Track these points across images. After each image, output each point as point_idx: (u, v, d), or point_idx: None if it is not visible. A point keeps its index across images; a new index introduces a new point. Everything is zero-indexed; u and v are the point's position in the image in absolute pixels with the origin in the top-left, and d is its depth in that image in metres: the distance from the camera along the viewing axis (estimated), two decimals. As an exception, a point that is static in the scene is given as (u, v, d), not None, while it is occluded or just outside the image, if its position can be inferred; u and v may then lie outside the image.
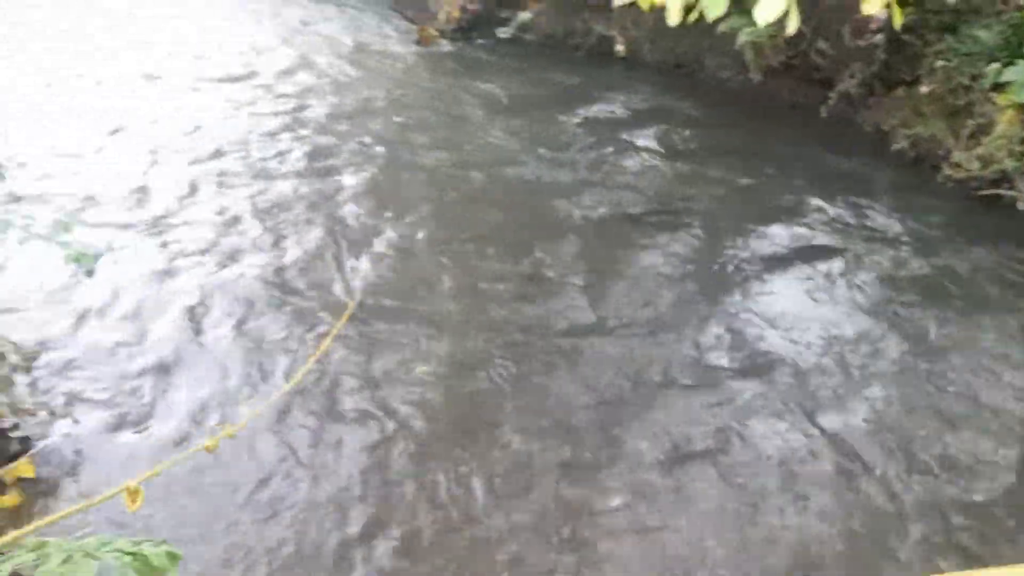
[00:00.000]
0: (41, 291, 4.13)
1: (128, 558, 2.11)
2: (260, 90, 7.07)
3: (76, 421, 3.40)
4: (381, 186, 5.64)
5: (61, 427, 3.40)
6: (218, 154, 5.83)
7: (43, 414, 3.31)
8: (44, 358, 3.63)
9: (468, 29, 8.94)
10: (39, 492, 3.18)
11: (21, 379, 3.30)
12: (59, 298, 4.12)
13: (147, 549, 2.15)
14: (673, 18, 1.73)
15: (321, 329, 4.12)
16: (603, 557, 3.11)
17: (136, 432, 3.46)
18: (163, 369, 3.80)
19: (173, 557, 2.21)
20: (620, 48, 8.34)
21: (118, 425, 3.47)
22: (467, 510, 3.25)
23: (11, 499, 3.05)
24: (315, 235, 4.93)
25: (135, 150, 5.80)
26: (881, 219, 5.66)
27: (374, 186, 5.63)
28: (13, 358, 3.24)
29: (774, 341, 4.34)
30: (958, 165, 6.03)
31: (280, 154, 5.92)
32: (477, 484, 3.35)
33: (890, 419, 3.83)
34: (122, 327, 4.02)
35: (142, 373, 3.76)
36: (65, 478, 3.25)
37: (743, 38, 7.05)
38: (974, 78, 6.13)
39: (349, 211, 5.26)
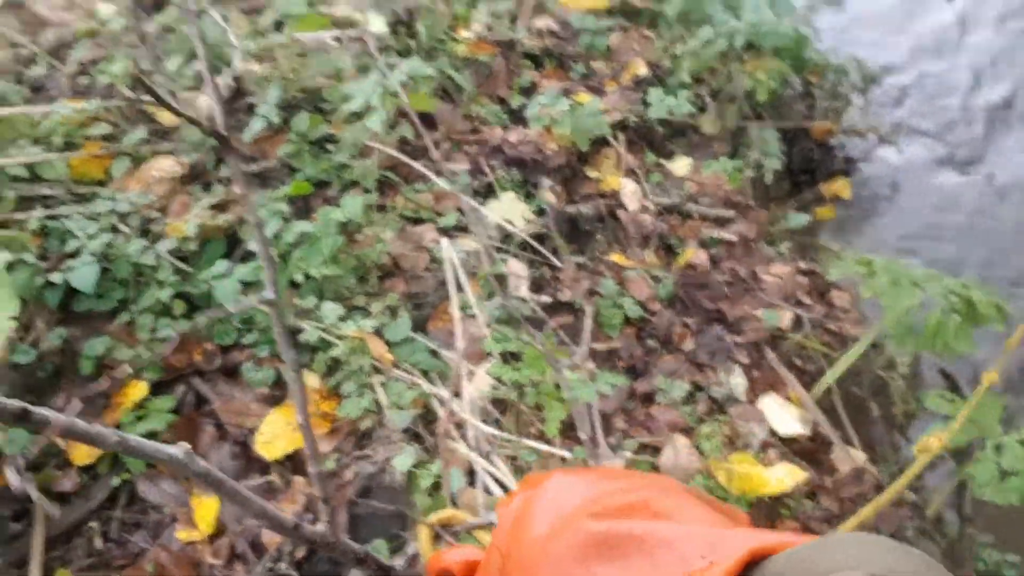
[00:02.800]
0: (887, 17, 3.99)
1: (954, 298, 1.99)
2: None
3: (900, 151, 3.30)
4: None
5: (884, 154, 3.35)
6: None
7: (871, 137, 3.28)
8: (881, 83, 3.55)
9: None
10: (850, 213, 3.24)
11: (856, 100, 3.29)
12: (901, 26, 3.94)
13: (976, 296, 1.99)
14: None
15: None
16: None
17: (960, 172, 3.24)
18: (999, 112, 3.43)
19: (1001, 311, 2.02)
20: None
21: (942, 161, 3.28)
22: None
23: (826, 212, 3.16)
24: None
25: None
26: None
27: None
28: (854, 76, 3.22)
29: None
30: None
31: None
32: None
33: None
34: (960, 64, 3.69)
35: (974, 112, 3.45)
36: (878, 205, 3.24)
37: None
38: None
39: None
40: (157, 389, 1.87)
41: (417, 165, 2.47)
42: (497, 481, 1.72)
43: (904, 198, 3.25)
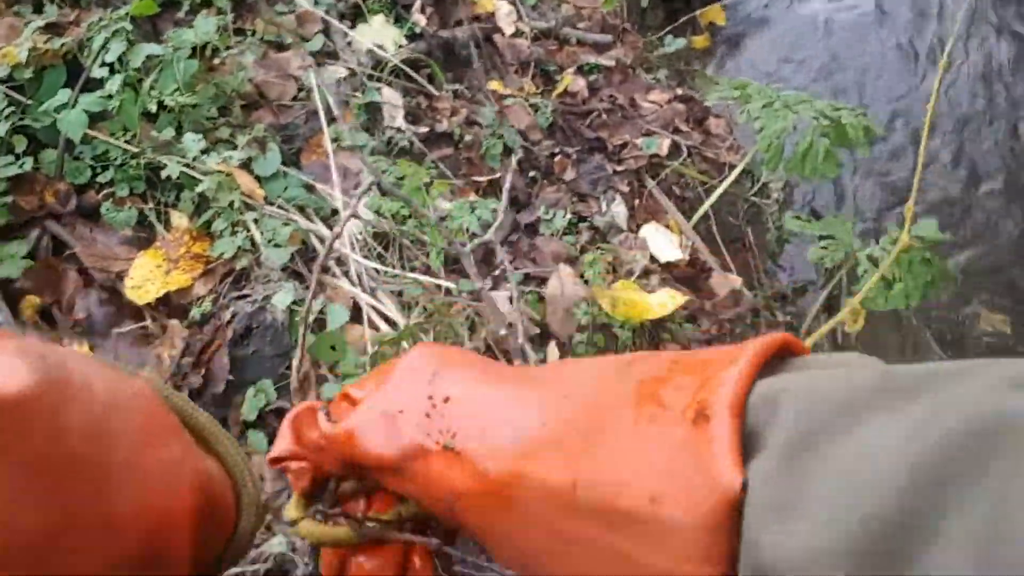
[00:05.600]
0: None
1: (825, 121, 2.02)
2: None
3: (772, -25, 3.28)
4: None
5: (756, -21, 3.33)
6: None
7: (745, -39, 3.25)
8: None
9: None
10: (725, 39, 3.24)
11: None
12: None
13: (845, 117, 2.03)
14: None
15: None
16: None
17: (829, 1, 3.26)
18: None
19: (869, 132, 2.07)
20: None
21: (812, -12, 3.29)
22: None
23: (702, 41, 3.15)
24: None
25: None
26: None
27: None
28: None
29: None
30: None
31: None
32: None
33: None
34: None
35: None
36: (751, 32, 3.24)
37: None
38: None
39: None
40: (6, 234, 1.72)
41: (277, -16, 2.27)
42: (383, 316, 1.69)
43: (777, 24, 3.27)
